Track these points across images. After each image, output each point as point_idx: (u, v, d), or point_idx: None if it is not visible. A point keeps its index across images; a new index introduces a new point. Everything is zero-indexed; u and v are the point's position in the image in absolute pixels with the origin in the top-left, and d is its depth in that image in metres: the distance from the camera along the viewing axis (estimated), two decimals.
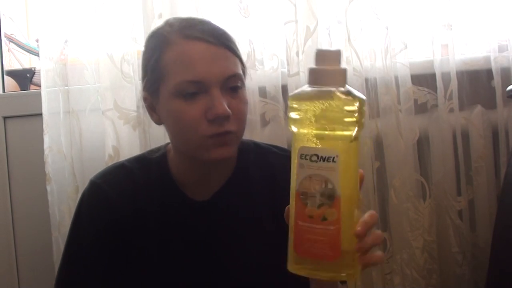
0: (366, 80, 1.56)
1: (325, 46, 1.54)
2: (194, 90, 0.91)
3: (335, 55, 0.66)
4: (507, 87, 1.45)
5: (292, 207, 0.66)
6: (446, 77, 1.58)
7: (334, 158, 0.63)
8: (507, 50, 1.60)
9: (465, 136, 1.60)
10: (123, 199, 1.00)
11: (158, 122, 1.00)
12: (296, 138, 0.66)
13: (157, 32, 0.99)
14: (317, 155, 0.64)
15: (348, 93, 0.64)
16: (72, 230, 1.03)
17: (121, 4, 1.50)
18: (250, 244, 1.00)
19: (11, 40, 1.71)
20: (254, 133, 1.50)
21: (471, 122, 1.60)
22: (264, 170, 1.04)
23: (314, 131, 0.64)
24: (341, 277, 0.67)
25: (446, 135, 1.58)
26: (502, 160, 1.60)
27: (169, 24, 0.98)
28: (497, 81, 1.59)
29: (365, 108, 0.66)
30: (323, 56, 0.66)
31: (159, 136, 1.42)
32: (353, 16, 1.54)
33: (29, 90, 1.66)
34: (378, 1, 1.54)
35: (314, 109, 0.63)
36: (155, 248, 1.00)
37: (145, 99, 1.01)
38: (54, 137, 1.50)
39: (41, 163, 1.49)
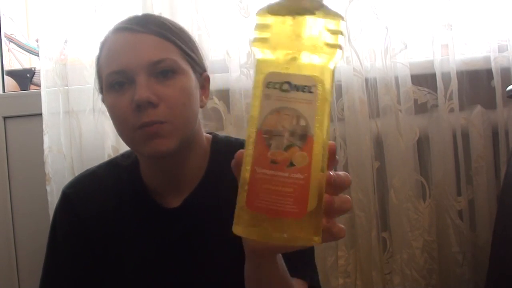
0: (366, 80, 1.56)
1: None
2: (121, 79, 0.88)
3: None
4: (507, 87, 1.45)
5: (248, 151, 0.52)
6: (446, 77, 1.58)
7: (311, 88, 0.50)
8: (507, 50, 1.60)
9: (465, 136, 1.60)
10: (92, 209, 0.99)
11: None
12: (262, 64, 0.52)
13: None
14: (289, 83, 0.50)
15: (329, 9, 0.52)
16: (49, 241, 1.03)
17: (121, 4, 1.50)
18: (220, 249, 0.96)
19: (11, 40, 1.71)
20: None
21: (471, 122, 1.60)
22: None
23: (288, 54, 0.50)
24: (304, 241, 0.52)
25: (446, 135, 1.57)
26: (502, 160, 1.60)
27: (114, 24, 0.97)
28: (497, 81, 1.59)
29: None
30: None
31: None
32: (353, 16, 1.54)
33: (29, 90, 1.66)
34: (378, 1, 1.54)
35: (289, 26, 0.50)
36: (127, 256, 0.98)
37: (102, 101, 0.99)
38: (54, 137, 1.50)
39: (41, 163, 1.49)
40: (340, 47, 0.51)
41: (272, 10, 0.51)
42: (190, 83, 0.92)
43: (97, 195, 1.00)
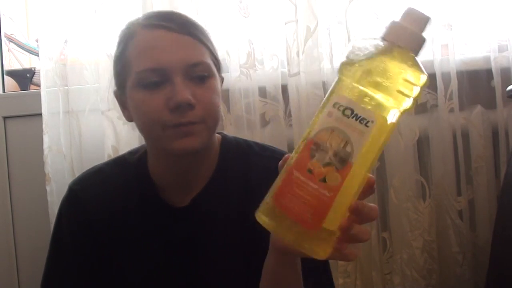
0: None
1: (325, 46, 1.54)
2: (156, 79, 0.88)
3: (425, 20, 0.60)
4: (507, 87, 1.45)
5: (294, 154, 0.57)
6: (446, 77, 1.58)
7: (368, 122, 0.54)
8: (507, 50, 1.60)
9: (465, 136, 1.60)
10: (99, 206, 0.99)
11: (129, 118, 0.97)
12: (338, 84, 0.57)
13: (124, 27, 0.97)
14: (352, 110, 0.55)
15: (418, 63, 0.57)
16: (53, 237, 1.02)
17: (121, 4, 1.50)
18: (228, 249, 0.97)
19: (11, 40, 1.71)
20: (254, 133, 1.50)
21: (471, 122, 1.60)
22: (243, 171, 0.99)
23: (362, 85, 0.55)
24: (308, 251, 0.57)
25: (446, 135, 1.57)
26: (502, 160, 1.60)
27: (136, 18, 0.97)
28: (497, 81, 1.59)
29: (423, 91, 0.59)
30: (412, 15, 0.60)
31: None
32: (353, 16, 1.54)
33: (29, 90, 1.67)
34: (378, 1, 1.54)
35: (376, 62, 0.55)
36: (133, 254, 0.98)
37: (116, 95, 0.98)
38: (53, 137, 1.50)
39: (41, 163, 1.49)
40: (412, 97, 0.55)
41: (369, 46, 0.57)
42: (218, 85, 0.95)
43: (105, 193, 1.00)
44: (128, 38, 0.93)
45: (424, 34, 0.59)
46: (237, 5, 1.51)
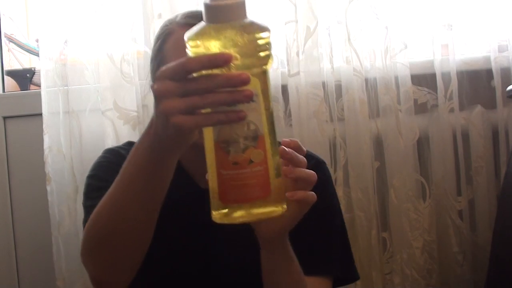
0: (366, 80, 1.56)
1: (325, 46, 1.54)
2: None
3: None
4: (507, 87, 1.45)
5: (210, 158, 0.62)
6: (446, 77, 1.58)
7: (253, 97, 0.58)
8: (507, 50, 1.60)
9: (465, 136, 1.60)
10: None
11: None
12: None
13: (162, 24, 1.01)
14: None
15: (256, 24, 0.59)
16: (89, 177, 1.01)
17: (121, 4, 1.50)
18: (250, 233, 0.99)
19: (11, 40, 1.71)
20: None
21: (471, 122, 1.60)
22: None
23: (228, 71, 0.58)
24: (273, 213, 0.63)
25: (446, 135, 1.57)
26: (502, 160, 1.60)
27: (175, 16, 1.00)
28: (497, 81, 1.59)
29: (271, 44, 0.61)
30: None
31: None
32: (353, 16, 1.54)
33: (29, 90, 1.66)
34: (378, 1, 1.54)
35: (224, 46, 0.57)
36: (157, 229, 0.99)
37: (152, 88, 1.00)
38: (54, 137, 1.50)
39: (41, 163, 1.49)
40: (271, 55, 0.59)
41: (207, 35, 0.59)
42: None
43: None
44: (166, 36, 0.96)
45: None
46: None
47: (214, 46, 0.58)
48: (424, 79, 1.62)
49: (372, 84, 1.57)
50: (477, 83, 1.64)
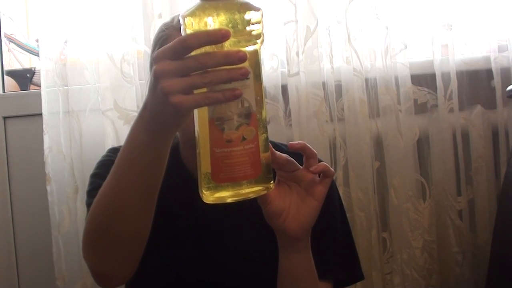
0: (366, 80, 1.56)
1: (325, 46, 1.54)
2: None
3: None
4: (507, 87, 1.45)
5: (203, 136, 0.63)
6: (446, 77, 1.58)
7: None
8: (507, 50, 1.60)
9: (465, 136, 1.60)
10: None
11: None
12: None
13: (159, 29, 1.01)
14: None
15: (249, 3, 0.61)
16: (92, 176, 1.04)
17: (121, 4, 1.50)
18: (255, 228, 0.97)
19: (11, 40, 1.71)
20: None
21: (471, 122, 1.60)
22: None
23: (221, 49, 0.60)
24: (263, 191, 0.66)
25: (446, 135, 1.57)
26: (502, 160, 1.60)
27: (171, 20, 1.00)
28: (497, 81, 1.59)
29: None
30: None
31: None
32: (353, 16, 1.54)
33: (29, 90, 1.66)
34: (378, 1, 1.54)
35: (220, 23, 0.59)
36: (161, 224, 0.98)
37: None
38: (54, 137, 1.50)
39: (41, 163, 1.49)
40: (262, 34, 0.61)
41: (201, 14, 0.59)
42: None
43: None
44: (163, 42, 0.96)
45: None
46: None
47: (210, 23, 0.58)
48: (424, 79, 1.62)
49: (372, 84, 1.57)
50: (477, 83, 1.64)
